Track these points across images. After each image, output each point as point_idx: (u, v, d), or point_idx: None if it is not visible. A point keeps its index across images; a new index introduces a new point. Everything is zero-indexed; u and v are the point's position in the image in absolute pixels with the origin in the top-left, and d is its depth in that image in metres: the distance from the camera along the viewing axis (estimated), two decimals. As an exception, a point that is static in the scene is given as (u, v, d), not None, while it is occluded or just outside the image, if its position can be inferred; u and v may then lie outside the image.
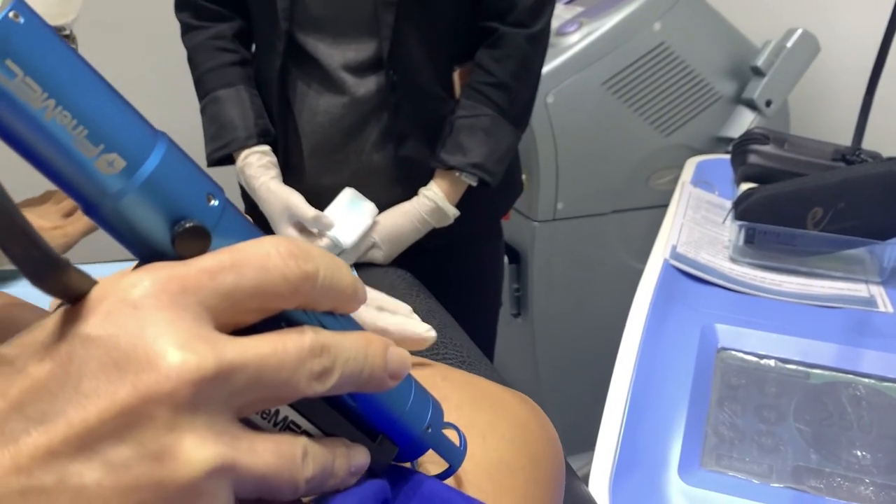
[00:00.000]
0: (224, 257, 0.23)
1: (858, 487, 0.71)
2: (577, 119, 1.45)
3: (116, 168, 0.22)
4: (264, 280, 0.23)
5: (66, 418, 0.20)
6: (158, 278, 0.22)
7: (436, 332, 0.85)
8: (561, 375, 1.67)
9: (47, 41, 0.21)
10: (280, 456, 0.24)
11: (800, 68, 1.50)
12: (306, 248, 0.25)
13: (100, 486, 0.20)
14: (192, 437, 0.21)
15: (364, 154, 1.08)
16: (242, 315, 0.24)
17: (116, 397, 0.20)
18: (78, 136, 0.22)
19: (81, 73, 0.22)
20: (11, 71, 0.20)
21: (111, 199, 0.23)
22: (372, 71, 1.03)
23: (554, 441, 0.42)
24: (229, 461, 0.22)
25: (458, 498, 0.31)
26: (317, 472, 0.25)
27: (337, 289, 0.25)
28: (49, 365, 0.21)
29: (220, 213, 0.25)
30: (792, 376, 0.84)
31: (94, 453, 0.20)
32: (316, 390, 0.24)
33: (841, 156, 1.13)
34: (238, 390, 0.22)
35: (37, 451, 0.20)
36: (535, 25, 1.05)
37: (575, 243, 1.56)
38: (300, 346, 0.23)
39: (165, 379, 0.21)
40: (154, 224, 0.23)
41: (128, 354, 0.21)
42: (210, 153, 1.07)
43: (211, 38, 1.08)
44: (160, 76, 1.76)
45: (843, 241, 1.03)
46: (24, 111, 0.21)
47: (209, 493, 0.21)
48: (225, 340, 0.22)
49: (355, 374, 0.25)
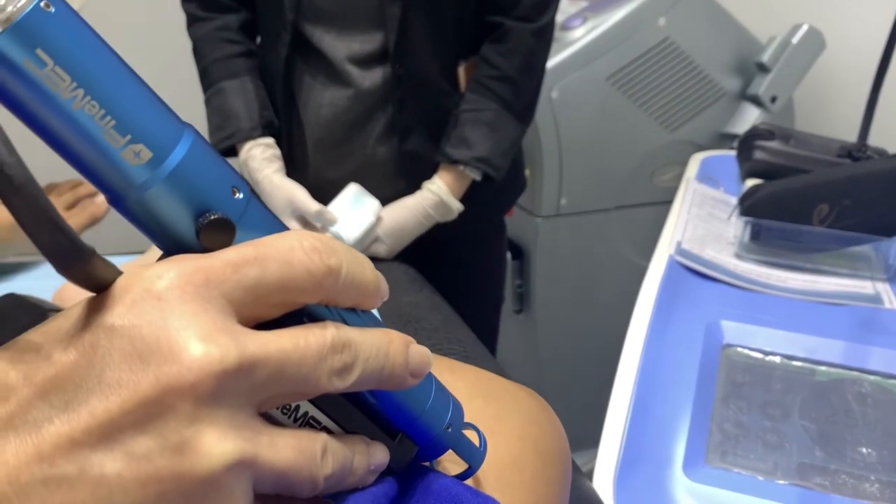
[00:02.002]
0: (248, 251, 0.23)
1: (863, 485, 0.71)
2: (582, 114, 1.44)
3: (143, 159, 0.22)
4: (288, 274, 0.23)
5: (89, 408, 0.20)
6: (183, 270, 0.22)
7: (440, 327, 0.85)
8: (563, 372, 1.67)
9: (78, 30, 0.21)
10: (300, 452, 0.23)
11: (805, 65, 1.49)
12: (330, 243, 0.24)
13: (120, 477, 0.20)
14: (212, 430, 0.21)
15: (368, 147, 1.07)
16: (265, 309, 0.24)
17: (139, 388, 0.20)
18: (105, 127, 0.22)
19: (110, 62, 0.22)
20: (42, 60, 0.20)
21: (137, 189, 0.22)
22: (377, 64, 1.03)
23: (562, 437, 0.41)
24: (249, 456, 0.22)
25: (469, 494, 0.31)
26: (336, 469, 0.25)
27: (359, 284, 0.25)
28: (73, 354, 0.21)
29: (245, 206, 0.25)
30: (797, 373, 0.84)
31: (115, 444, 0.20)
32: (337, 386, 0.24)
33: (847, 152, 1.13)
34: (260, 384, 0.22)
35: (59, 440, 0.20)
36: (540, 20, 1.05)
37: (578, 239, 1.55)
38: (322, 342, 0.23)
39: (188, 371, 0.21)
40: (179, 215, 0.23)
41: (151, 346, 0.21)
42: (214, 144, 1.07)
43: (217, 30, 1.08)
44: (160, 67, 1.75)
45: (848, 238, 1.02)
46: (52, 101, 0.21)
47: (228, 487, 0.21)
48: (248, 334, 0.22)
49: (376, 371, 0.25)
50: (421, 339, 0.81)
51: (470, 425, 0.33)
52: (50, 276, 0.93)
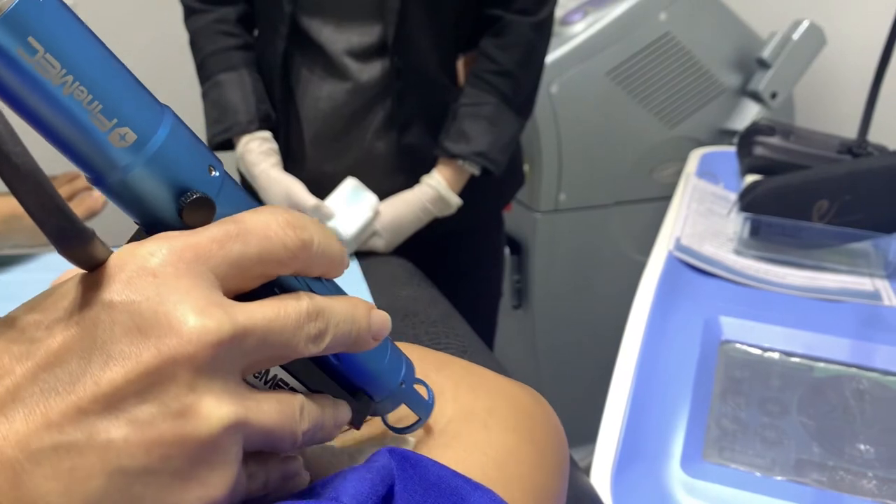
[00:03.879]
0: (230, 227, 0.25)
1: (861, 481, 0.70)
2: (581, 109, 1.44)
3: (128, 141, 0.23)
4: (267, 248, 0.25)
5: (94, 378, 0.22)
6: (174, 247, 0.24)
7: (438, 321, 0.85)
8: (561, 367, 1.67)
9: (66, 19, 0.22)
10: (282, 412, 0.26)
11: (805, 61, 1.49)
12: (301, 218, 0.27)
13: (126, 442, 0.22)
14: (210, 396, 0.23)
15: (366, 141, 1.07)
16: (246, 281, 0.25)
17: (141, 359, 0.22)
18: (93, 111, 0.23)
19: (95, 49, 0.23)
20: (33, 48, 0.21)
21: (121, 171, 0.23)
22: (376, 56, 1.02)
23: (558, 429, 0.41)
24: (242, 418, 0.24)
25: (465, 483, 0.31)
26: (311, 425, 0.27)
27: (328, 255, 0.28)
28: (74, 329, 0.22)
29: (221, 184, 0.26)
30: (796, 369, 0.84)
31: (120, 411, 0.22)
32: (312, 351, 0.26)
33: (847, 148, 1.12)
34: (248, 352, 0.24)
35: (67, 410, 0.21)
36: (539, 13, 1.04)
37: (577, 235, 1.55)
38: (299, 311, 0.25)
39: (188, 343, 0.22)
40: (160, 194, 0.24)
41: (150, 320, 0.22)
42: (211, 137, 1.06)
43: (214, 22, 1.07)
44: (157, 59, 1.75)
45: (848, 235, 1.02)
46: (43, 87, 0.22)
47: (225, 448, 0.23)
48: (235, 306, 0.24)
49: (345, 334, 0.27)
50: (419, 333, 0.81)
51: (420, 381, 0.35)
52: (45, 269, 0.93)
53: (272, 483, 0.28)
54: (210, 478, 0.23)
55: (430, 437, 0.36)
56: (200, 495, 0.23)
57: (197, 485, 0.23)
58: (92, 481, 0.21)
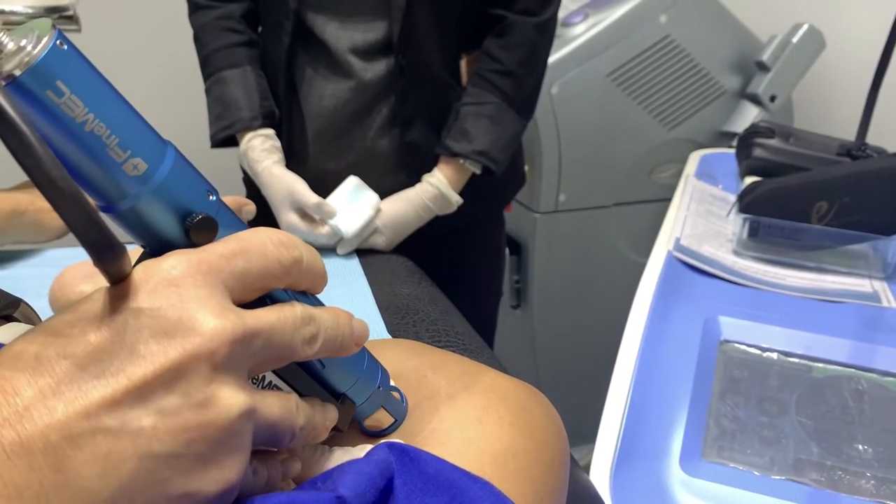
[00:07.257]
0: (234, 245, 0.28)
1: (859, 481, 0.71)
2: (581, 111, 1.44)
3: (140, 171, 0.27)
4: (265, 264, 0.29)
5: (126, 374, 0.25)
6: (191, 261, 0.27)
7: (439, 319, 0.85)
8: (560, 367, 1.67)
9: (84, 65, 0.25)
10: (282, 407, 0.29)
11: (805, 64, 1.49)
12: (292, 238, 0.30)
13: (155, 429, 0.25)
14: (226, 387, 0.26)
15: (369, 139, 1.07)
16: (247, 293, 0.29)
17: (168, 357, 0.25)
18: (111, 144, 0.26)
19: (109, 90, 0.26)
20: (61, 91, 0.24)
21: (133, 198, 0.27)
22: (380, 55, 1.02)
23: (557, 424, 0.41)
24: (253, 407, 0.27)
25: (463, 476, 0.31)
26: (305, 423, 0.31)
27: (314, 272, 0.31)
28: (106, 332, 0.25)
29: (217, 207, 0.29)
30: (794, 369, 0.84)
31: (149, 402, 0.25)
32: (307, 352, 0.30)
33: (846, 151, 1.13)
34: (256, 351, 0.28)
35: (102, 401, 0.24)
36: (543, 14, 1.05)
37: (576, 235, 1.56)
38: (295, 316, 0.29)
39: (209, 340, 0.26)
40: (168, 217, 0.28)
41: (175, 322, 0.26)
42: (214, 133, 1.06)
43: (219, 18, 1.07)
44: (161, 59, 1.75)
45: (847, 236, 1.02)
46: (69, 124, 0.25)
47: (240, 433, 0.27)
48: (244, 312, 0.27)
49: (333, 339, 0.31)
50: (419, 331, 0.81)
51: (394, 388, 0.39)
52: (46, 265, 0.93)
53: (273, 480, 0.31)
54: (227, 461, 0.26)
55: (425, 436, 0.36)
56: (218, 478, 0.26)
57: (216, 468, 0.26)
58: (125, 464, 0.24)
